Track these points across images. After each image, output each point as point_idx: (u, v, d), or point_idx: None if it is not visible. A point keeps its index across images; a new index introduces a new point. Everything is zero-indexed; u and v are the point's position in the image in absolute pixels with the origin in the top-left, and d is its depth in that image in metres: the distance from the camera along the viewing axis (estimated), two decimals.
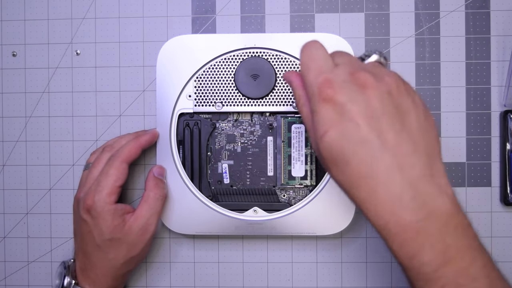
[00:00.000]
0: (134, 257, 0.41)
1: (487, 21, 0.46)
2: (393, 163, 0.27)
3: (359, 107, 0.28)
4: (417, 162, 0.28)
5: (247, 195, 0.45)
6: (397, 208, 0.27)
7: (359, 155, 0.28)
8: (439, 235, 0.27)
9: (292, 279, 0.47)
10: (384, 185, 0.27)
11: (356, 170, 0.28)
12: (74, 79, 0.48)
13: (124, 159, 0.41)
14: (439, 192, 0.28)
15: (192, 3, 0.47)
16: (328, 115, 0.28)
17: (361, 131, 0.27)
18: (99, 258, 0.40)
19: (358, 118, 0.28)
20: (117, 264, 0.40)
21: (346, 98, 0.28)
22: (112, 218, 0.39)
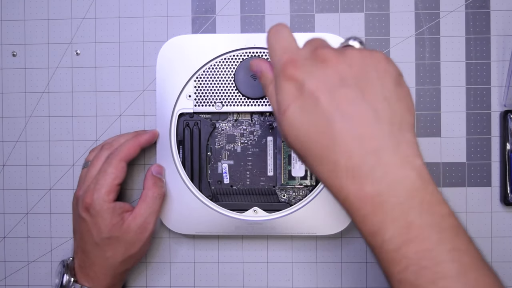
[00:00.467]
0: (132, 255, 0.41)
1: (487, 21, 0.46)
2: (352, 133, 0.27)
3: (317, 82, 0.28)
4: (378, 133, 0.27)
5: (247, 195, 0.45)
6: (357, 179, 0.26)
7: (319, 128, 0.27)
8: (401, 210, 0.26)
9: (292, 279, 0.47)
10: (344, 156, 0.27)
11: (317, 143, 0.27)
12: (74, 79, 0.48)
13: (123, 158, 0.41)
14: (401, 163, 0.27)
15: (192, 3, 0.47)
16: (289, 92, 0.28)
17: (320, 104, 0.27)
18: (97, 256, 0.40)
19: (316, 92, 0.28)
20: (116, 262, 0.40)
21: (306, 74, 0.28)
22: (111, 217, 0.39)
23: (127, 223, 0.40)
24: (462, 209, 0.46)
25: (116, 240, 0.40)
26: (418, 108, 0.47)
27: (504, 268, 0.46)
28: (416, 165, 0.27)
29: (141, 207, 0.41)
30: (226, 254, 0.47)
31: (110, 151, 0.42)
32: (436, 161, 0.46)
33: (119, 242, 0.40)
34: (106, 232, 0.39)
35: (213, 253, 0.47)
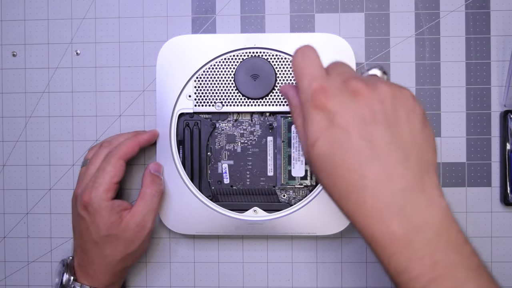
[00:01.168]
0: (131, 253, 0.41)
1: (487, 21, 0.46)
2: (382, 173, 0.27)
3: (350, 115, 0.27)
4: (407, 173, 0.27)
5: (247, 195, 0.45)
6: (385, 218, 0.26)
7: (348, 163, 0.27)
8: (428, 249, 0.26)
9: (292, 279, 0.47)
10: (372, 195, 0.27)
11: (345, 179, 0.27)
12: (74, 79, 0.48)
13: (121, 156, 0.41)
14: (429, 203, 0.27)
15: (192, 3, 0.47)
16: (319, 122, 0.28)
17: (351, 139, 0.27)
18: (96, 254, 0.40)
19: (348, 126, 0.27)
20: (114, 260, 0.40)
21: (337, 106, 0.28)
22: (109, 215, 0.39)
23: (126, 221, 0.40)
24: (462, 209, 0.46)
25: (115, 238, 0.40)
26: None
27: (504, 268, 0.46)
28: (442, 205, 0.27)
29: (140, 205, 0.41)
30: (226, 254, 0.47)
31: (109, 150, 0.42)
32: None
33: (118, 240, 0.40)
34: (105, 230, 0.39)
35: (213, 253, 0.47)
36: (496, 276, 0.46)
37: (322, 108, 0.28)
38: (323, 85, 0.29)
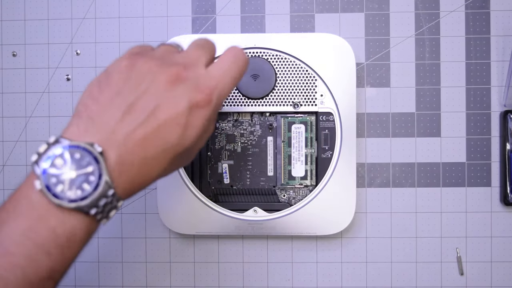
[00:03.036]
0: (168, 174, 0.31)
1: (487, 21, 0.46)
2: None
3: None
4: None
5: (247, 195, 0.45)
6: None
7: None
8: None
9: (292, 279, 0.47)
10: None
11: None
12: (74, 79, 0.48)
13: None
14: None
15: (192, 3, 0.47)
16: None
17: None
18: (158, 158, 0.28)
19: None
20: (162, 174, 0.29)
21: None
22: (206, 129, 0.30)
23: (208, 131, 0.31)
24: (462, 209, 0.46)
25: (188, 151, 0.30)
26: (418, 108, 0.47)
27: (504, 268, 0.46)
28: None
29: (205, 136, 0.31)
30: (226, 254, 0.47)
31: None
32: (436, 161, 0.46)
33: (184, 155, 0.30)
34: (192, 141, 0.29)
35: (213, 253, 0.47)
36: (496, 276, 0.46)
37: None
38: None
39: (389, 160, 0.47)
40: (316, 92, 0.44)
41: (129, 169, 0.27)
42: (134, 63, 0.29)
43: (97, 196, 0.26)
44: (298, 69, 0.44)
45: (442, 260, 0.46)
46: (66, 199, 0.25)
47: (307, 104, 0.44)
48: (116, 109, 0.27)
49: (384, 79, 0.47)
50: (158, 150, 0.27)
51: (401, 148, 0.47)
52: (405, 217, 0.47)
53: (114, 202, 0.27)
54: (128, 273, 0.47)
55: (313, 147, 0.45)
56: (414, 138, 0.47)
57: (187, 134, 0.28)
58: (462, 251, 0.46)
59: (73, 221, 0.26)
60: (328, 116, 0.44)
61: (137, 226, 0.47)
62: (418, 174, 0.47)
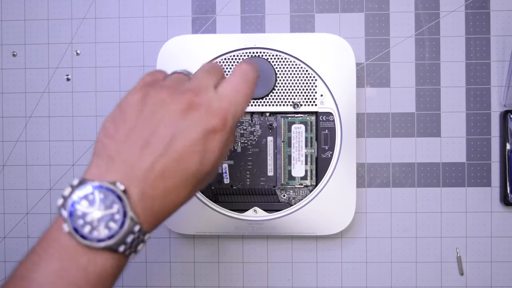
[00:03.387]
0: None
1: (487, 21, 0.46)
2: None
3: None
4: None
5: (247, 195, 0.45)
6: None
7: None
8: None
9: (292, 279, 0.47)
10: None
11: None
12: (74, 79, 0.48)
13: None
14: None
15: (192, 3, 0.47)
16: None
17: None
18: (180, 187, 0.28)
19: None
20: (184, 201, 0.30)
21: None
22: (223, 152, 0.30)
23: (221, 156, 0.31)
24: (462, 209, 0.46)
25: (207, 175, 0.30)
26: (418, 108, 0.47)
27: (504, 268, 0.46)
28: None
29: (226, 150, 0.31)
30: (226, 254, 0.47)
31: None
32: (436, 161, 0.46)
33: (204, 179, 0.30)
34: (212, 165, 0.29)
35: (213, 253, 0.47)
36: (496, 276, 0.46)
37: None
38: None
39: (389, 160, 0.47)
40: (316, 92, 0.44)
41: (152, 203, 0.27)
42: (146, 95, 0.29)
43: (124, 233, 0.26)
44: (298, 69, 0.44)
45: (442, 260, 0.46)
46: (95, 239, 0.26)
47: (307, 104, 0.44)
48: (133, 145, 0.27)
49: (384, 79, 0.47)
50: (178, 180, 0.28)
51: (401, 148, 0.47)
52: (405, 217, 0.47)
53: (141, 237, 0.27)
54: (128, 273, 0.47)
55: (313, 147, 0.45)
56: (414, 138, 0.47)
57: (205, 160, 0.28)
58: (462, 251, 0.46)
59: (103, 259, 0.26)
60: (328, 116, 0.44)
61: None
62: (418, 174, 0.47)
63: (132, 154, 0.27)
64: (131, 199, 0.26)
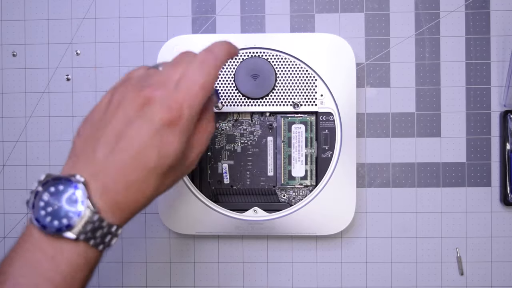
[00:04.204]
0: (166, 190, 0.32)
1: (487, 21, 0.46)
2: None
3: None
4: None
5: (247, 195, 0.45)
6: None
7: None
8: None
9: (292, 279, 0.47)
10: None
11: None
12: (74, 79, 0.48)
13: (219, 65, 0.31)
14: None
15: (192, 3, 0.47)
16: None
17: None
18: (143, 180, 0.29)
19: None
20: (156, 193, 0.31)
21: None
22: (186, 141, 0.30)
23: (193, 141, 0.32)
24: (462, 209, 0.46)
25: (174, 169, 0.31)
26: (418, 108, 0.47)
27: (504, 268, 0.46)
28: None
29: (203, 138, 0.32)
30: (226, 254, 0.47)
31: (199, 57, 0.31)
32: (436, 161, 0.46)
33: (174, 172, 0.31)
34: (175, 157, 0.30)
35: (213, 253, 0.47)
36: (496, 276, 0.46)
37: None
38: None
39: (389, 160, 0.47)
40: (316, 92, 0.44)
41: (115, 196, 0.28)
42: (114, 93, 0.30)
43: (84, 222, 0.27)
44: (298, 69, 0.44)
45: (442, 260, 0.46)
46: (54, 228, 0.27)
47: (307, 104, 0.44)
48: (93, 141, 0.29)
49: (384, 79, 0.47)
50: (139, 173, 0.29)
51: (401, 148, 0.47)
52: (405, 217, 0.47)
53: (107, 228, 0.28)
54: (128, 273, 0.47)
55: (313, 147, 0.45)
56: (414, 138, 0.47)
57: (164, 153, 0.29)
58: (462, 251, 0.46)
59: (70, 249, 0.28)
60: (328, 116, 0.44)
61: (137, 226, 0.47)
62: (418, 174, 0.47)
63: (92, 151, 0.29)
64: (92, 191, 0.28)
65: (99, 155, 0.28)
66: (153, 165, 0.29)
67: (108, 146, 0.28)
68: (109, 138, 0.29)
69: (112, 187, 0.28)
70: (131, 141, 0.28)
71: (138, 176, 0.29)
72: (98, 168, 0.28)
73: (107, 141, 0.29)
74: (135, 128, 0.28)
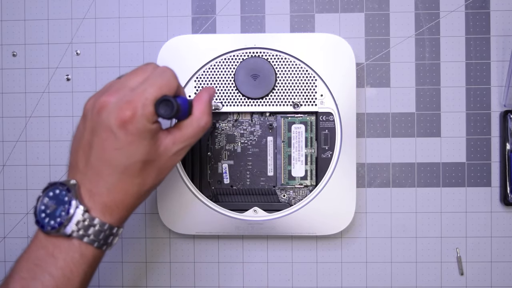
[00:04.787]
0: (158, 183, 0.35)
1: (487, 21, 0.46)
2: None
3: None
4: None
5: (247, 195, 0.45)
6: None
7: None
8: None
9: (292, 279, 0.47)
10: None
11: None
12: (74, 79, 0.48)
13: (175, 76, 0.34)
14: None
15: (192, 3, 0.47)
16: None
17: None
18: (122, 181, 0.32)
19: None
20: (142, 190, 0.33)
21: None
22: (151, 138, 0.32)
23: (165, 146, 0.33)
24: (462, 209, 0.46)
25: (150, 165, 0.33)
26: (418, 108, 0.47)
27: (504, 268, 0.46)
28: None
29: (186, 132, 0.34)
30: (226, 254, 0.47)
31: (159, 68, 0.34)
32: (436, 161, 0.46)
33: (152, 167, 0.33)
34: (143, 154, 0.32)
35: (213, 253, 0.47)
36: (496, 276, 0.46)
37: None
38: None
39: (389, 160, 0.47)
40: (316, 92, 0.44)
41: (100, 198, 0.32)
42: (85, 105, 0.34)
43: (75, 220, 0.31)
44: (298, 69, 0.44)
45: (442, 260, 0.46)
46: (50, 226, 0.31)
47: (307, 104, 0.44)
48: (74, 154, 0.33)
49: (384, 79, 0.47)
50: (114, 176, 0.32)
51: (401, 148, 0.47)
52: (405, 217, 0.47)
53: (99, 227, 0.32)
54: (128, 273, 0.47)
55: (313, 147, 0.45)
56: (414, 138, 0.47)
57: (130, 152, 0.31)
58: (462, 251, 0.46)
59: (67, 246, 0.31)
60: (328, 116, 0.44)
61: (137, 226, 0.47)
62: (418, 174, 0.47)
63: (76, 160, 0.33)
64: (82, 194, 0.32)
65: (80, 165, 0.32)
66: (123, 165, 0.32)
67: (83, 156, 0.32)
68: (84, 149, 0.32)
69: (96, 190, 0.32)
70: (97, 149, 0.32)
71: (114, 179, 0.32)
72: (81, 176, 0.32)
73: (83, 152, 0.32)
74: (97, 135, 0.31)
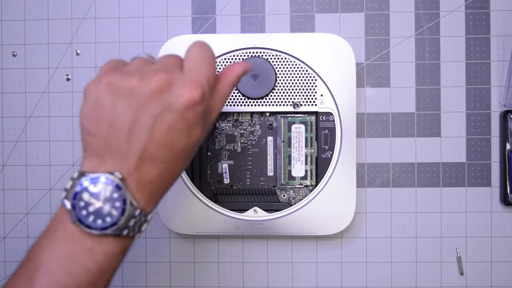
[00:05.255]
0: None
1: (487, 21, 0.46)
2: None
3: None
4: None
5: (247, 195, 0.45)
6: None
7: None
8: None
9: (292, 279, 0.47)
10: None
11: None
12: (74, 79, 0.48)
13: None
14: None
15: (192, 3, 0.47)
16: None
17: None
18: (175, 164, 0.29)
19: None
20: (178, 174, 0.31)
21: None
22: (205, 118, 0.30)
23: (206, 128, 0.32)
24: (462, 209, 0.46)
25: (198, 144, 0.31)
26: (418, 108, 0.47)
27: (504, 268, 0.46)
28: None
29: (219, 103, 0.32)
30: (226, 254, 0.47)
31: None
32: (436, 161, 0.46)
33: (194, 150, 0.31)
34: (201, 134, 0.30)
35: (213, 253, 0.47)
36: (496, 276, 0.46)
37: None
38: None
39: (389, 160, 0.47)
40: (316, 92, 0.44)
41: (150, 186, 0.29)
42: (112, 83, 0.28)
43: (125, 219, 0.28)
44: (298, 69, 0.44)
45: (442, 260, 0.46)
46: (99, 228, 0.27)
47: (307, 104, 0.44)
48: (118, 139, 0.28)
49: (384, 79, 0.47)
50: (169, 160, 0.29)
51: (401, 148, 0.47)
52: (405, 217, 0.47)
53: (143, 218, 0.29)
54: (129, 273, 0.47)
55: (313, 147, 0.45)
56: (414, 138, 0.47)
57: (192, 134, 0.29)
58: (462, 251, 0.46)
59: (108, 241, 0.28)
60: (328, 116, 0.44)
61: None
62: (418, 174, 0.47)
63: (120, 148, 0.28)
64: (129, 187, 0.28)
65: (134, 151, 0.28)
66: (181, 148, 0.29)
67: (140, 142, 0.28)
68: (138, 134, 0.28)
69: (146, 179, 0.28)
70: (160, 130, 0.28)
71: (169, 163, 0.29)
72: (131, 165, 0.28)
73: (137, 138, 0.28)
74: (161, 115, 0.27)
